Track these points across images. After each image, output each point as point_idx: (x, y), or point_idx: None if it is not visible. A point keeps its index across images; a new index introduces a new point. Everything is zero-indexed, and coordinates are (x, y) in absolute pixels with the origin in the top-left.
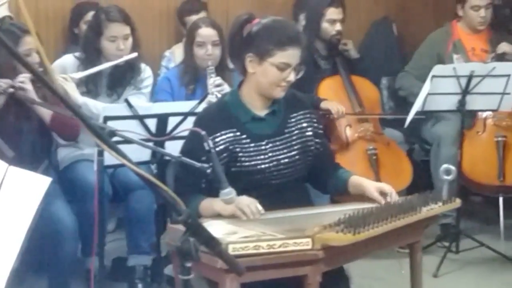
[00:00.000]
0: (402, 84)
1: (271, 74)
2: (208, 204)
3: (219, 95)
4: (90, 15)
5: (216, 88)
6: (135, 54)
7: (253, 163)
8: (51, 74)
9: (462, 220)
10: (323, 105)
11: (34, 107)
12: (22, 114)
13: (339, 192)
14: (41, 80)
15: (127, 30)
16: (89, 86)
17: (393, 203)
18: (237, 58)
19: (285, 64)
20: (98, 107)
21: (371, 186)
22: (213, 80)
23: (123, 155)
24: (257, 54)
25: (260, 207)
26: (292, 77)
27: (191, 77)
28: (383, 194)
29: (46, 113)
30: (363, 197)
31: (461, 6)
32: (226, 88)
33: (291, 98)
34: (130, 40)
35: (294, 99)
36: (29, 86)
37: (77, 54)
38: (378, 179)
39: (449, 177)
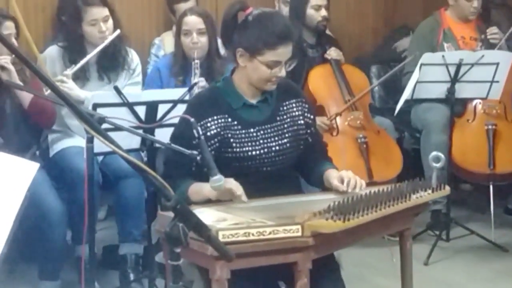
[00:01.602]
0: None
1: (261, 71)
2: (197, 188)
3: None
4: None
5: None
6: (118, 32)
7: (244, 149)
8: (41, 64)
9: (452, 208)
10: None
11: (15, 91)
12: (4, 99)
13: (318, 185)
14: (25, 62)
15: (105, 11)
16: (76, 73)
17: (383, 190)
18: (230, 48)
19: (275, 62)
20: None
21: (332, 176)
22: (198, 79)
23: (113, 142)
24: (247, 51)
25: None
26: (283, 72)
27: (181, 68)
28: (343, 181)
29: (25, 97)
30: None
31: None
32: None
33: (284, 86)
34: (111, 21)
35: (287, 88)
36: (11, 67)
37: (60, 43)
38: (368, 167)
39: (438, 165)
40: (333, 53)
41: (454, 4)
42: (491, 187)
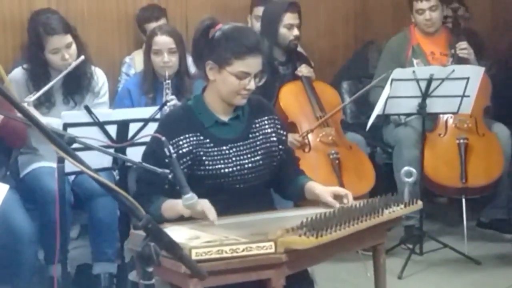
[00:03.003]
0: (375, 99)
1: (230, 83)
2: (170, 205)
3: None
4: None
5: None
6: (82, 58)
7: (217, 167)
8: (7, 86)
9: (425, 222)
10: None
11: None
12: None
13: (297, 198)
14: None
15: (68, 39)
16: (41, 99)
17: (355, 205)
18: (201, 64)
19: (244, 73)
20: (60, 124)
21: (324, 191)
22: (169, 99)
23: (82, 162)
24: (216, 62)
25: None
26: (252, 85)
27: (151, 86)
28: (338, 197)
29: None
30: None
31: (411, 12)
32: None
33: (256, 103)
34: (74, 46)
35: (259, 105)
36: None
37: (25, 66)
38: (341, 183)
39: (410, 179)
40: (304, 69)
41: (414, 20)
42: (463, 200)
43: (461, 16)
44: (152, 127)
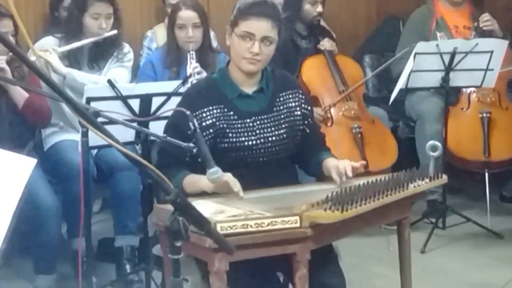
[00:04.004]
0: (397, 72)
1: (236, 45)
2: (193, 180)
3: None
4: (68, 0)
5: (196, 76)
6: (114, 31)
7: (240, 139)
8: (33, 50)
9: (448, 196)
10: None
11: (9, 89)
12: (0, 97)
13: (317, 174)
14: (20, 56)
15: (110, 9)
16: (70, 60)
17: (380, 180)
18: None
19: (246, 33)
20: (82, 76)
21: (332, 166)
22: (192, 66)
23: (110, 136)
24: (230, 26)
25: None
26: (255, 48)
27: (174, 60)
28: (341, 174)
29: (20, 97)
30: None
31: None
32: (204, 75)
33: (280, 77)
34: (112, 19)
35: (283, 79)
36: (6, 67)
37: (57, 35)
38: (363, 157)
39: (435, 154)
40: (326, 43)
41: None
42: (486, 174)
43: None
44: (175, 101)
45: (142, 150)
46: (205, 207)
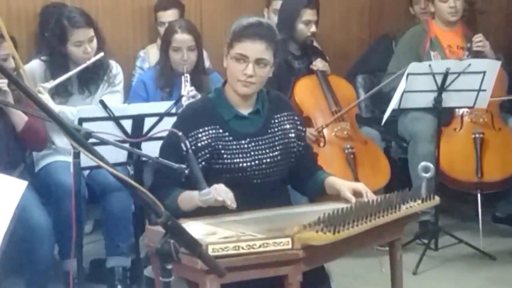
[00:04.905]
0: (392, 86)
1: (231, 67)
2: (187, 196)
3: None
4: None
5: (191, 99)
6: (101, 54)
7: (235, 160)
8: (26, 79)
9: (440, 217)
10: None
11: (9, 112)
12: None
13: (317, 193)
14: (17, 84)
15: (91, 32)
16: (58, 89)
17: (372, 201)
18: None
19: (240, 55)
20: (74, 112)
21: (344, 186)
22: (187, 89)
23: (100, 157)
24: (226, 48)
25: (234, 199)
26: (249, 69)
27: (167, 80)
28: (357, 193)
29: (20, 120)
30: (340, 197)
31: (432, 2)
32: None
33: (275, 98)
34: (95, 41)
35: (278, 100)
36: (8, 89)
37: (43, 57)
38: (356, 177)
39: (428, 175)
40: (319, 64)
41: (436, 9)
42: (479, 195)
43: (478, 9)
44: (167, 121)
45: (134, 171)
46: (196, 228)
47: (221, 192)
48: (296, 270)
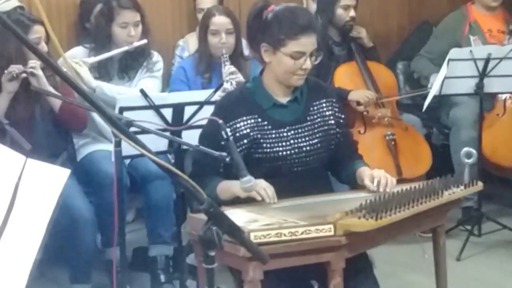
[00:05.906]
0: (416, 66)
1: (285, 64)
2: (226, 186)
3: (234, 83)
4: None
5: (231, 76)
6: (145, 41)
7: (274, 149)
8: (64, 59)
9: (483, 203)
10: (351, 96)
11: (45, 96)
12: (34, 105)
13: (350, 182)
14: (52, 66)
15: (137, 17)
16: (101, 71)
17: (415, 187)
18: (256, 47)
19: (298, 53)
20: (112, 89)
21: (365, 174)
22: (227, 68)
23: (142, 145)
24: (270, 44)
25: (275, 195)
26: (308, 64)
27: (206, 66)
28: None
29: (56, 102)
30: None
31: None
32: (240, 77)
33: (314, 86)
34: (140, 27)
35: (317, 87)
36: (40, 72)
37: (87, 45)
38: (397, 164)
39: (470, 161)
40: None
41: None
42: None
43: None
44: (207, 109)
45: (175, 159)
46: (238, 216)
47: (261, 190)
48: (339, 256)
